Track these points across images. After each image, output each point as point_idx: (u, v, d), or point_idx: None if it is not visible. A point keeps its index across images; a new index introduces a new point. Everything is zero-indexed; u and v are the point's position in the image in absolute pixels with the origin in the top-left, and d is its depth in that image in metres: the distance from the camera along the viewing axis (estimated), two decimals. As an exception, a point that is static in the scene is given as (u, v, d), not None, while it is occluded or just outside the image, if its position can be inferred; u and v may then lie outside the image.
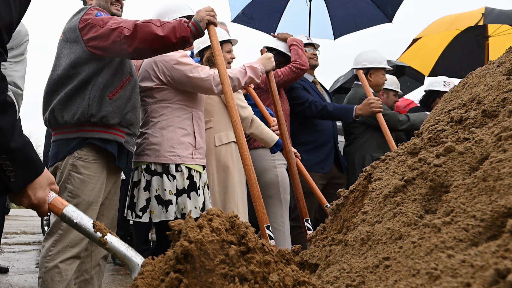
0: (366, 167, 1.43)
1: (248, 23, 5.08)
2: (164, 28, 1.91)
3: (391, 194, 1.12)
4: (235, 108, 2.03)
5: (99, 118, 1.96)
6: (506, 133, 0.95)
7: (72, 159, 1.97)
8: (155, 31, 1.89)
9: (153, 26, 1.90)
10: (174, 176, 2.15)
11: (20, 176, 0.98)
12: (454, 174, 1.01)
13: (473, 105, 1.35)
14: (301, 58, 3.13)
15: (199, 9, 2.06)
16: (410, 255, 0.83)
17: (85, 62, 1.97)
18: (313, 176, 3.15)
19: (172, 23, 1.93)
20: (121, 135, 2.04)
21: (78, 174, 1.97)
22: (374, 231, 1.04)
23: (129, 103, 2.06)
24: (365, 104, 3.26)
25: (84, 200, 1.97)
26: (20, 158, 0.97)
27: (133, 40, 1.89)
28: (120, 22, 1.93)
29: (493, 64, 1.62)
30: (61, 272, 1.90)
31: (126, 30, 1.89)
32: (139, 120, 2.16)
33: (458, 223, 0.81)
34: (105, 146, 2.00)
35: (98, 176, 2.01)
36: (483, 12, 4.48)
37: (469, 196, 0.88)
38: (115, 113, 2.00)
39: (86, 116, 1.95)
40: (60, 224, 1.93)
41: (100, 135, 1.99)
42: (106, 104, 1.98)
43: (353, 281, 0.93)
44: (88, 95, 1.95)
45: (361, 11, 5.05)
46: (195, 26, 1.97)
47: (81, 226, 1.19)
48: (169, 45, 1.95)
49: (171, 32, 1.90)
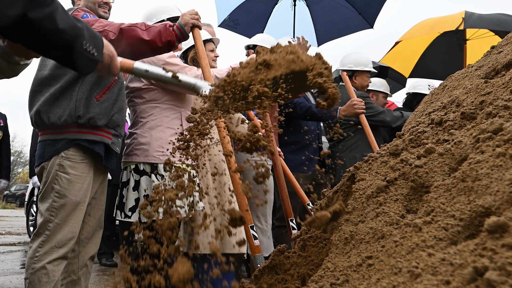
0: (350, 168, 1.46)
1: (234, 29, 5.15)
2: (150, 32, 1.92)
3: (373, 194, 1.14)
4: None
5: (87, 119, 1.95)
6: (483, 135, 0.99)
7: (59, 159, 1.96)
8: (141, 35, 1.90)
9: (138, 30, 1.90)
10: (163, 175, 2.15)
11: (97, 47, 1.19)
12: (435, 175, 1.04)
13: (452, 108, 1.39)
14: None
15: (184, 12, 2.07)
16: (392, 254, 0.86)
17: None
18: (297, 176, 3.18)
19: (158, 27, 1.94)
20: (108, 136, 2.04)
21: (65, 174, 1.95)
22: (358, 231, 1.06)
23: (116, 105, 2.05)
24: (349, 105, 3.30)
25: (71, 200, 1.95)
26: (88, 35, 1.15)
27: (118, 44, 1.88)
28: (106, 25, 1.92)
29: (471, 67, 1.67)
30: (48, 273, 1.88)
31: (111, 34, 1.88)
32: (125, 121, 2.15)
33: (438, 223, 0.84)
34: (92, 147, 1.99)
35: (85, 176, 2.00)
36: (463, 16, 4.59)
37: (449, 196, 0.91)
38: (102, 114, 1.99)
39: (73, 118, 1.94)
40: (47, 224, 1.92)
41: (87, 136, 1.98)
42: (93, 106, 1.97)
43: (337, 280, 0.95)
44: (75, 97, 1.94)
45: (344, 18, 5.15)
46: (180, 30, 2.00)
47: (152, 72, 1.40)
48: (155, 49, 1.97)
49: (157, 36, 1.92)
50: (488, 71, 1.50)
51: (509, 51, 1.50)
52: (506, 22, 4.49)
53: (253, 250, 1.86)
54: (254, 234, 1.89)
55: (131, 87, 2.28)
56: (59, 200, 1.93)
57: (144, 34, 1.90)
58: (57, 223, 1.92)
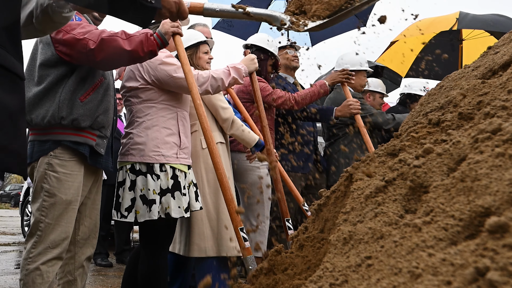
0: (348, 168, 1.46)
1: (228, 30, 5.17)
2: (131, 42, 1.91)
3: (372, 194, 1.14)
4: (204, 115, 2.09)
5: (70, 121, 1.93)
6: (482, 135, 0.99)
7: (47, 158, 1.94)
8: (122, 45, 1.88)
9: (119, 40, 1.89)
10: (158, 175, 2.15)
11: None
12: (433, 175, 1.04)
13: (449, 108, 1.39)
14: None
15: (164, 21, 2.08)
16: (392, 254, 0.86)
17: (54, 65, 1.94)
18: (293, 176, 3.18)
19: (139, 37, 1.93)
20: (92, 137, 2.01)
21: (54, 172, 1.93)
22: (356, 231, 1.06)
23: (101, 106, 2.03)
24: (344, 106, 3.31)
25: (61, 199, 1.93)
26: None
27: (99, 53, 1.87)
28: (86, 32, 1.89)
29: (468, 68, 1.68)
30: (43, 274, 1.86)
31: (91, 43, 1.86)
32: (111, 121, 2.13)
33: (438, 223, 0.84)
34: (77, 148, 1.97)
35: (75, 175, 1.98)
36: (457, 17, 4.61)
37: (448, 196, 0.91)
38: (86, 116, 1.97)
39: (56, 119, 1.91)
40: (39, 225, 1.90)
41: (70, 137, 1.96)
42: (77, 107, 1.95)
43: (336, 280, 0.95)
44: (58, 98, 1.92)
45: (336, 17, 5.16)
46: (161, 38, 2.00)
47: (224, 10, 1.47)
48: (136, 59, 1.97)
49: (139, 46, 1.91)
50: (485, 71, 1.51)
51: (506, 52, 1.50)
52: (500, 23, 4.52)
53: (244, 252, 1.86)
54: (244, 236, 1.88)
55: (128, 86, 2.27)
56: (49, 199, 1.91)
57: (126, 44, 1.89)
58: (49, 223, 1.90)
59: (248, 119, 2.81)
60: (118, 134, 3.84)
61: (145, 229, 2.20)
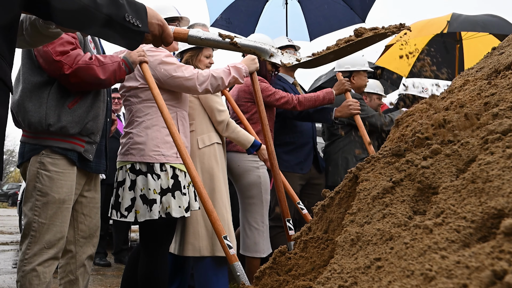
0: (352, 168, 1.44)
1: (227, 28, 5.18)
2: (105, 71, 1.94)
3: (379, 195, 1.13)
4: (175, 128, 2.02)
5: (58, 128, 1.89)
6: (492, 136, 0.98)
7: (39, 157, 1.92)
8: (98, 74, 1.91)
9: (95, 68, 1.91)
10: (159, 175, 2.13)
11: (140, 18, 1.16)
12: (442, 176, 1.03)
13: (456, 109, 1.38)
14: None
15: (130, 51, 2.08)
16: (403, 256, 0.85)
17: (40, 70, 1.92)
18: (293, 176, 3.17)
19: (113, 65, 1.97)
20: (81, 144, 1.98)
21: (45, 171, 1.91)
22: (364, 232, 1.05)
23: (90, 112, 1.99)
24: (344, 106, 3.30)
25: (54, 198, 1.90)
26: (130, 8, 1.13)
27: (73, 78, 1.87)
28: (64, 52, 1.87)
29: (472, 69, 1.67)
30: (39, 275, 1.84)
31: (66, 68, 1.86)
32: (101, 127, 2.09)
33: (450, 224, 0.83)
34: (66, 153, 1.95)
35: (68, 173, 1.95)
36: (449, 19, 4.59)
37: (459, 197, 0.90)
38: (75, 122, 1.93)
39: (43, 126, 1.88)
40: (32, 225, 1.87)
41: (59, 144, 1.93)
42: (65, 114, 1.91)
43: (345, 282, 0.93)
44: (45, 104, 1.89)
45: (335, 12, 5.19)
46: (129, 67, 2.06)
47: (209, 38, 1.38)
48: (106, 85, 2.02)
49: (112, 75, 1.97)
50: (490, 72, 1.50)
51: (511, 53, 1.50)
52: (491, 24, 4.49)
53: (230, 260, 1.85)
54: (228, 243, 1.87)
55: (127, 86, 2.26)
56: (42, 199, 1.88)
57: (101, 73, 1.93)
58: (42, 223, 1.87)
59: (243, 120, 2.79)
60: (117, 134, 3.82)
61: (145, 229, 2.19)
